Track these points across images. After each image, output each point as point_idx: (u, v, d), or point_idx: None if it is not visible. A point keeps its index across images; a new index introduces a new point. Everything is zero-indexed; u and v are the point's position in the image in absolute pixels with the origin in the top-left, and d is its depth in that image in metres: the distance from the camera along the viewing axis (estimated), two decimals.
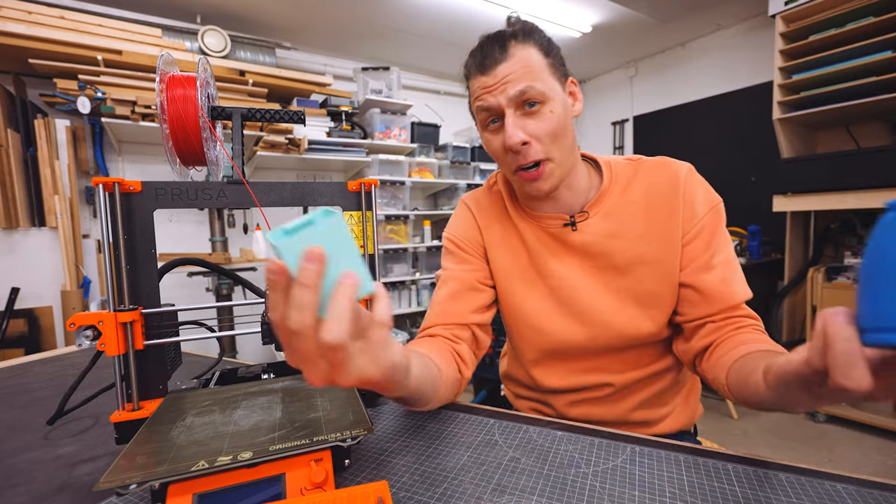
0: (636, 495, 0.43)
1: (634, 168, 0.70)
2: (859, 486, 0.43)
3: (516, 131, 0.60)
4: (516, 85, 0.60)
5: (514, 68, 0.60)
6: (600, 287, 0.68)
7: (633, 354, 0.70)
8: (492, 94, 0.61)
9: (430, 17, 2.74)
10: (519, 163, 0.63)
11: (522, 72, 0.60)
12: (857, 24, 2.05)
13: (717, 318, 0.62)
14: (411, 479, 0.47)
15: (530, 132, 0.61)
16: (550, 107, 0.61)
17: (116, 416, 0.53)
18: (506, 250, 0.73)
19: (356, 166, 2.99)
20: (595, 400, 0.72)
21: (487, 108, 0.62)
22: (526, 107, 0.61)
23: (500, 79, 0.60)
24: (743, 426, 2.24)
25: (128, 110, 2.12)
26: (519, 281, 0.72)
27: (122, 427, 0.53)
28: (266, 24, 2.71)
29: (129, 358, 0.54)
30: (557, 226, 0.69)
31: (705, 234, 0.64)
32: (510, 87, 0.60)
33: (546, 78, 0.61)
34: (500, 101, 0.61)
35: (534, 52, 0.62)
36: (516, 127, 0.61)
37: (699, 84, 3.27)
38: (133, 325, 0.53)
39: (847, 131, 2.48)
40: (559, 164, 0.64)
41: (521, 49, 0.61)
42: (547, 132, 0.61)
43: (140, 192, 0.55)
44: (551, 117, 0.61)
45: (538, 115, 0.61)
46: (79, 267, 2.28)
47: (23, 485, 0.50)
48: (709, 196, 0.66)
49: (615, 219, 0.67)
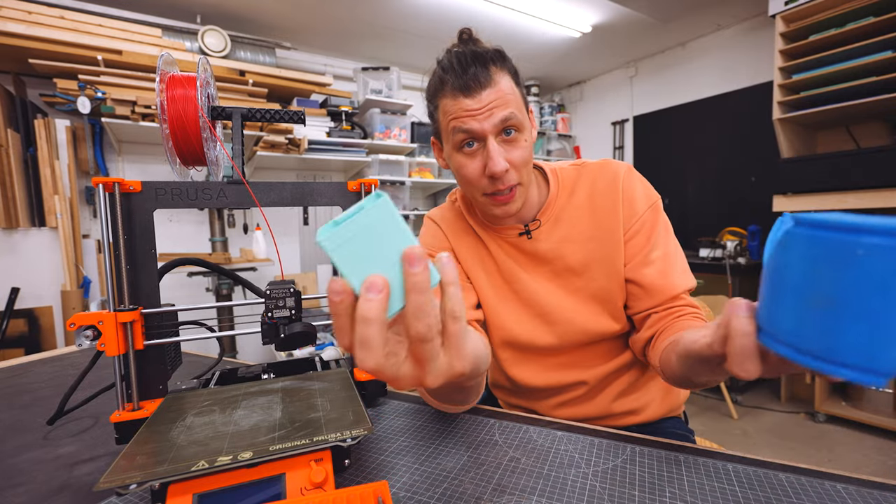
0: (636, 495, 0.43)
1: (578, 172, 0.73)
2: (859, 486, 0.43)
3: (500, 159, 0.61)
4: (500, 112, 0.61)
5: (499, 95, 0.61)
6: (560, 290, 0.72)
7: (601, 349, 0.73)
8: (476, 119, 0.61)
9: (430, 17, 2.74)
10: (497, 187, 0.64)
11: (505, 99, 0.61)
12: (857, 24, 2.05)
13: (659, 310, 0.66)
14: (411, 479, 0.47)
15: (509, 159, 0.63)
16: (525, 135, 0.64)
17: (116, 416, 0.53)
18: (475, 261, 0.76)
19: (356, 166, 2.99)
20: (576, 400, 0.75)
21: (468, 131, 0.62)
22: (503, 134, 0.63)
23: (486, 104, 0.61)
24: (743, 426, 2.24)
25: (128, 110, 2.13)
26: (489, 288, 0.75)
27: (122, 427, 0.53)
28: (266, 24, 2.71)
29: (129, 358, 0.54)
30: (514, 235, 0.73)
31: (645, 230, 0.68)
32: (495, 114, 0.61)
33: (521, 107, 0.64)
34: (485, 128, 0.61)
35: (509, 79, 0.63)
36: (500, 154, 0.62)
37: (699, 84, 3.27)
38: (133, 325, 0.53)
39: (847, 131, 2.48)
40: (526, 186, 0.67)
41: (501, 76, 0.62)
42: (522, 159, 0.64)
43: (140, 192, 0.55)
44: (525, 146, 0.64)
45: (516, 143, 0.63)
46: (79, 267, 2.28)
47: (23, 485, 0.50)
48: (648, 193, 0.70)
49: (564, 223, 0.71)
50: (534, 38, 3.07)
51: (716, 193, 3.19)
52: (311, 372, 0.66)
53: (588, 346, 0.73)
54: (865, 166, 2.00)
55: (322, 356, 0.74)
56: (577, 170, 0.74)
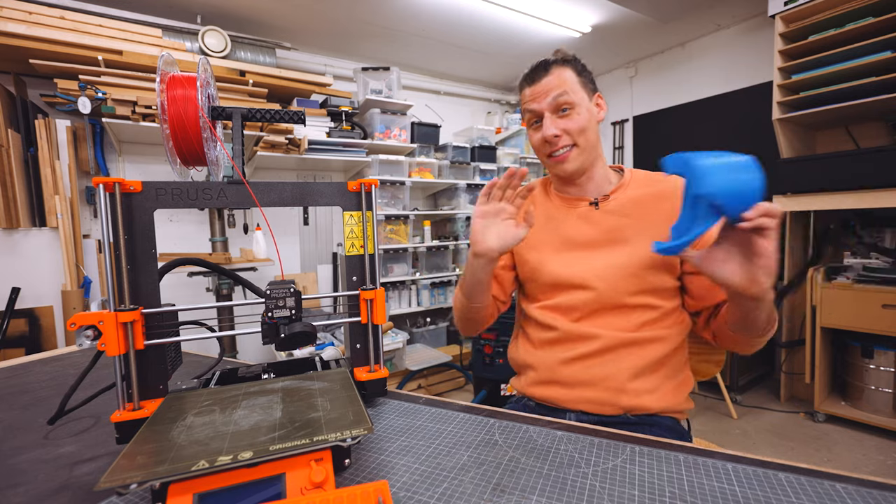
0: (636, 495, 0.43)
1: (652, 175, 0.89)
2: (859, 486, 0.43)
3: (551, 127, 0.82)
4: (553, 92, 0.81)
5: (554, 82, 0.82)
6: (610, 255, 0.82)
7: (630, 318, 0.80)
8: (535, 101, 0.84)
9: (430, 17, 2.74)
10: (551, 150, 0.84)
11: (558, 84, 0.82)
12: (857, 24, 2.05)
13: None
14: (411, 479, 0.47)
15: (561, 127, 0.82)
16: (577, 111, 0.82)
17: (117, 415, 0.53)
18: (543, 220, 0.91)
19: (356, 166, 2.99)
20: (587, 356, 0.79)
21: (531, 110, 0.85)
22: (560, 111, 0.82)
23: (542, 88, 0.83)
24: (743, 426, 2.24)
25: (128, 110, 2.12)
26: (548, 243, 0.88)
27: (122, 427, 0.53)
28: (266, 24, 2.71)
29: (129, 358, 0.54)
30: (584, 205, 0.87)
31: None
32: (549, 95, 0.82)
33: (577, 90, 0.82)
34: (542, 106, 0.83)
35: (569, 71, 0.83)
36: (551, 124, 0.82)
37: (699, 84, 3.27)
38: (133, 325, 0.53)
39: (846, 131, 2.48)
40: (582, 150, 0.83)
41: (560, 69, 0.83)
42: (574, 128, 0.82)
43: (140, 192, 0.55)
44: (578, 118, 0.82)
45: (568, 117, 0.82)
46: (79, 267, 2.28)
47: (23, 485, 0.50)
48: None
49: (630, 205, 0.84)
50: (534, 38, 3.07)
51: None
52: (312, 372, 0.67)
53: (618, 309, 0.80)
54: (865, 166, 2.00)
55: (322, 356, 0.74)
56: (652, 174, 0.89)
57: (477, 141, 3.44)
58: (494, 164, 3.43)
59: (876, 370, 2.11)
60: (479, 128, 3.50)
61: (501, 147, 3.70)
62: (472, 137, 3.47)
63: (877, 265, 2.14)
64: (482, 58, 3.40)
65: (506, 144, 3.80)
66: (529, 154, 3.69)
